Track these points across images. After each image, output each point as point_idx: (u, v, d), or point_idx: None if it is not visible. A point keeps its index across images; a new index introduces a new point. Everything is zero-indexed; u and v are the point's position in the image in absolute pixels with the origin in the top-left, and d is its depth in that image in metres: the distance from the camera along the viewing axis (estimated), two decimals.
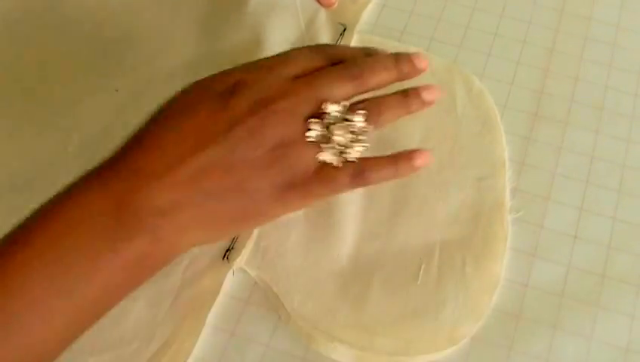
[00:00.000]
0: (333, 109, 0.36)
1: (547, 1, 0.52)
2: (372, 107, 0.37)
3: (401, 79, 0.39)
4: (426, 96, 0.39)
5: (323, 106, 0.36)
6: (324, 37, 0.50)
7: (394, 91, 0.39)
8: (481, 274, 0.40)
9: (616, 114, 0.47)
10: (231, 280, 0.41)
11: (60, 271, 0.31)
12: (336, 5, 0.51)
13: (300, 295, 0.40)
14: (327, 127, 0.36)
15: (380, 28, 0.51)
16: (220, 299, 0.40)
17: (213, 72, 0.48)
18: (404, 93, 0.39)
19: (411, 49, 0.49)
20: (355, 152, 0.36)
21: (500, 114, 0.46)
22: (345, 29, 0.50)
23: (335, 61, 0.38)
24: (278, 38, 0.50)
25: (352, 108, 0.37)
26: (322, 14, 0.51)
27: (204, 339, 0.39)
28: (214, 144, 0.34)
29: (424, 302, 0.40)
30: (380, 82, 0.38)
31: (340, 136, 0.36)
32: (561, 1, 0.52)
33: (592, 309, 0.40)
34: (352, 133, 0.36)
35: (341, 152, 0.36)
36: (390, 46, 0.49)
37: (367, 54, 0.40)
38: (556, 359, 0.38)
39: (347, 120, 0.36)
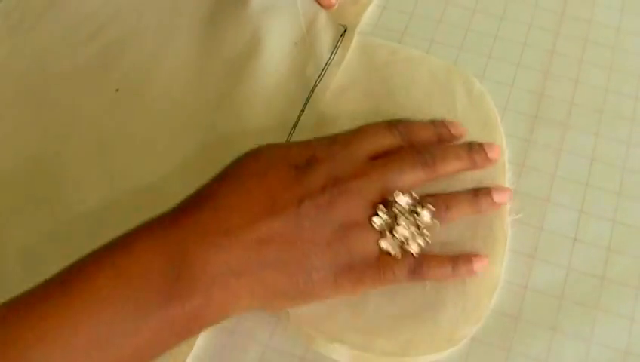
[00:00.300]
0: (402, 200, 0.36)
1: (548, 3, 0.52)
2: (440, 203, 0.38)
3: (472, 168, 0.40)
4: (497, 198, 0.40)
5: (395, 195, 0.36)
6: (325, 38, 0.50)
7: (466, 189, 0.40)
8: (481, 276, 0.40)
9: (617, 116, 0.47)
10: None
11: (107, 321, 0.31)
12: (336, 6, 0.51)
13: None
14: (395, 216, 0.36)
15: (381, 29, 0.51)
16: None
17: (213, 72, 0.49)
18: (475, 193, 0.40)
19: (413, 51, 0.49)
20: (416, 246, 0.37)
21: (500, 116, 0.46)
22: (345, 30, 0.50)
23: (407, 139, 0.39)
24: (279, 39, 0.50)
25: (420, 201, 0.37)
26: (323, 15, 0.51)
27: (204, 338, 0.39)
28: (281, 215, 0.34)
29: (423, 303, 0.40)
30: (451, 171, 0.39)
31: (404, 228, 0.36)
32: (561, 4, 0.52)
33: (591, 311, 0.40)
34: (417, 226, 0.37)
35: (402, 243, 0.37)
36: (391, 47, 0.50)
37: (440, 136, 0.40)
38: (555, 361, 0.38)
39: (414, 212, 0.37)
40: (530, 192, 0.44)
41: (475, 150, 0.40)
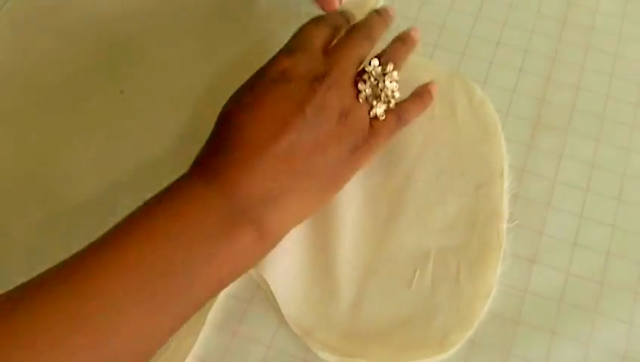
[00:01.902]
0: (375, 64, 0.41)
1: (550, 10, 0.52)
2: (388, 56, 0.42)
3: (387, 25, 0.45)
4: (413, 33, 0.45)
5: (365, 66, 0.41)
6: None
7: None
8: (475, 282, 0.41)
9: (617, 123, 0.47)
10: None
11: (181, 248, 0.33)
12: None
13: (295, 299, 0.40)
14: (375, 82, 0.41)
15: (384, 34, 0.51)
16: (223, 299, 0.40)
17: (216, 75, 0.49)
18: (401, 39, 0.45)
19: (415, 57, 0.49)
20: (397, 95, 0.41)
21: (501, 121, 0.47)
22: None
23: (337, 28, 0.44)
24: (283, 43, 0.50)
25: (380, 58, 0.42)
26: None
27: (207, 339, 0.39)
28: (293, 127, 0.36)
29: (417, 308, 0.40)
30: (380, 34, 0.44)
31: (391, 83, 0.41)
32: (563, 11, 0.52)
33: (590, 315, 0.40)
34: (390, 81, 0.41)
35: (387, 102, 0.41)
36: None
37: (348, 20, 0.45)
38: None
39: (383, 72, 0.41)
40: (530, 197, 0.44)
41: (381, 12, 0.45)
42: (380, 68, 0.41)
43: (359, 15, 0.51)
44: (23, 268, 0.41)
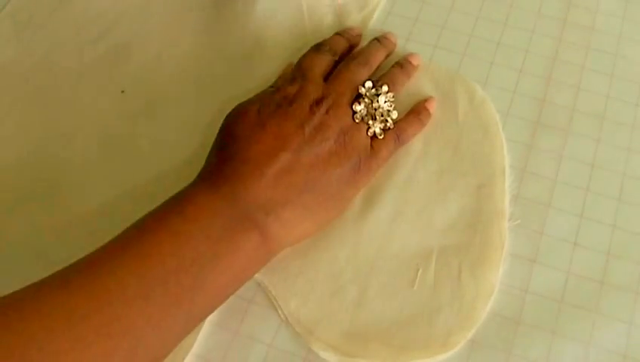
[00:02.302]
0: (368, 86, 0.44)
1: (550, 10, 0.52)
2: (384, 79, 0.46)
3: (389, 53, 0.49)
4: (413, 59, 0.48)
5: (359, 89, 0.44)
6: None
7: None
8: (477, 282, 0.41)
9: (617, 123, 0.47)
10: None
11: (189, 247, 0.35)
12: (341, 0, 0.52)
13: (296, 298, 0.41)
14: (370, 102, 0.43)
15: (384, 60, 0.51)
16: None
17: (218, 74, 0.49)
18: (399, 64, 0.48)
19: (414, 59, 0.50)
20: (394, 115, 0.44)
21: (502, 121, 0.47)
22: None
23: (334, 52, 0.47)
24: (284, 44, 0.51)
25: (375, 83, 0.45)
26: (329, 21, 0.52)
27: (208, 337, 0.39)
28: (294, 145, 0.39)
29: (419, 307, 0.40)
30: (379, 60, 0.48)
31: (385, 103, 0.44)
32: (564, 11, 0.52)
33: (590, 315, 0.40)
34: (384, 101, 0.44)
35: (383, 121, 0.43)
36: (395, 54, 0.50)
37: (349, 41, 0.49)
38: None
39: (377, 94, 0.44)
40: (531, 197, 0.44)
41: (382, 40, 0.49)
42: (373, 89, 0.44)
43: (359, 20, 0.52)
44: (21, 262, 0.42)
